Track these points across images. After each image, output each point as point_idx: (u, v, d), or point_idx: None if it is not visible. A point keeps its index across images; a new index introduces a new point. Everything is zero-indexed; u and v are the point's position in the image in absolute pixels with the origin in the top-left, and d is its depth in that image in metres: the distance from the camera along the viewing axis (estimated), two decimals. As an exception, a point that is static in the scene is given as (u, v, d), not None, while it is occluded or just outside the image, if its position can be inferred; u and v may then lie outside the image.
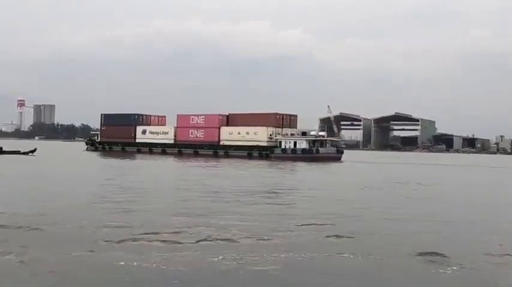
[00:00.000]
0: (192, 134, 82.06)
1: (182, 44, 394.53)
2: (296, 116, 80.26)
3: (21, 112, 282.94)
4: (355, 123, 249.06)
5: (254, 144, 75.86)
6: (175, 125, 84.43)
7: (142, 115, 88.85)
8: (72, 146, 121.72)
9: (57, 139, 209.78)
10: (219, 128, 79.94)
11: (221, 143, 79.18)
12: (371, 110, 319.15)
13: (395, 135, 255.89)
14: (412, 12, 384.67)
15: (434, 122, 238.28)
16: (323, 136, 76.97)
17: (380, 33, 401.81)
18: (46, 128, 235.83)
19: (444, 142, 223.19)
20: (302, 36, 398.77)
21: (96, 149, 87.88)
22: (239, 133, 77.87)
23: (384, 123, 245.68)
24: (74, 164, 48.05)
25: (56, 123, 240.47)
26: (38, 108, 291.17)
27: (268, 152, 73.84)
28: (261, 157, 73.20)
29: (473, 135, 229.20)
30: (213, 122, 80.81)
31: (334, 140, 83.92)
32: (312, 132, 75.88)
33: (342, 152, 75.82)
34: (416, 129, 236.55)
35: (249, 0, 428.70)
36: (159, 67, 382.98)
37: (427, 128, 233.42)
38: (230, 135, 78.79)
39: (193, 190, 23.69)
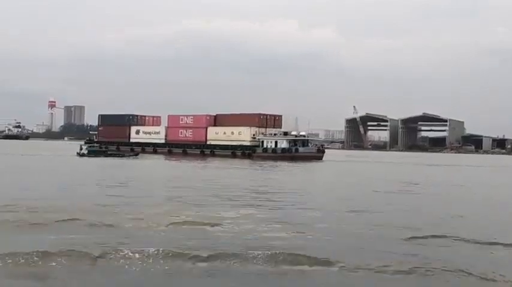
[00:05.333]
0: (181, 134, 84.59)
1: (208, 42, 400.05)
2: (281, 116, 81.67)
3: (52, 113, 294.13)
4: (382, 123, 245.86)
5: (238, 144, 77.73)
6: (166, 125, 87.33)
7: (137, 116, 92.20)
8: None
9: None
10: (206, 128, 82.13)
11: (208, 142, 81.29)
12: (398, 110, 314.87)
13: (423, 136, 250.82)
14: (441, 9, 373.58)
15: (463, 122, 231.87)
16: (304, 136, 77.75)
17: (407, 31, 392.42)
18: (76, 129, 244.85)
19: (473, 143, 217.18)
20: (328, 35, 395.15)
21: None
22: (225, 133, 79.87)
23: (411, 124, 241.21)
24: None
25: (85, 124, 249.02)
26: (68, 110, 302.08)
27: (250, 151, 75.53)
28: (244, 156, 74.95)
29: (503, 136, 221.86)
30: (200, 122, 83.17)
31: (316, 140, 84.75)
32: (293, 132, 76.89)
33: (323, 152, 76.64)
34: (444, 130, 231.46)
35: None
36: (187, 65, 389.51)
37: (455, 129, 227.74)
38: (216, 135, 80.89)
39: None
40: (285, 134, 76.81)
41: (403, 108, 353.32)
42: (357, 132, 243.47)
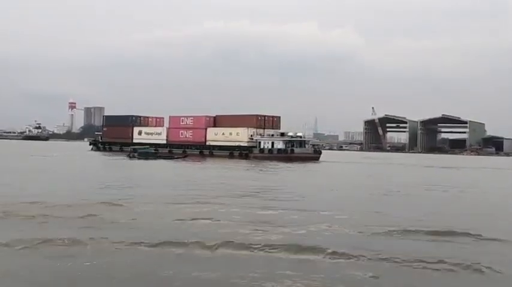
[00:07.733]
0: (182, 135, 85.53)
1: (230, 44, 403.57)
2: (279, 117, 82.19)
3: (72, 114, 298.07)
4: (400, 125, 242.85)
5: (236, 144, 78.33)
6: (167, 126, 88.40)
7: (140, 117, 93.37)
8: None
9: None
10: (206, 129, 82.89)
11: (207, 143, 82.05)
12: (418, 112, 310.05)
13: (443, 138, 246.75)
14: (462, 10, 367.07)
15: (483, 124, 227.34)
16: (301, 137, 77.77)
17: (428, 32, 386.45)
18: (95, 130, 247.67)
19: (494, 145, 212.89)
20: (347, 36, 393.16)
21: (98, 149, 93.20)
22: (223, 134, 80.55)
23: (430, 126, 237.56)
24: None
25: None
26: (88, 111, 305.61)
27: (247, 152, 76.03)
28: (241, 156, 75.55)
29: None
30: (200, 123, 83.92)
31: (313, 141, 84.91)
32: (289, 133, 77.01)
33: (320, 153, 76.50)
34: (464, 132, 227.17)
35: (296, 1, 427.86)
36: (209, 67, 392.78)
37: (476, 131, 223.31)
38: (215, 135, 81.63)
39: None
40: (282, 135, 77.12)
41: (422, 110, 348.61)
42: (375, 133, 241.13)
